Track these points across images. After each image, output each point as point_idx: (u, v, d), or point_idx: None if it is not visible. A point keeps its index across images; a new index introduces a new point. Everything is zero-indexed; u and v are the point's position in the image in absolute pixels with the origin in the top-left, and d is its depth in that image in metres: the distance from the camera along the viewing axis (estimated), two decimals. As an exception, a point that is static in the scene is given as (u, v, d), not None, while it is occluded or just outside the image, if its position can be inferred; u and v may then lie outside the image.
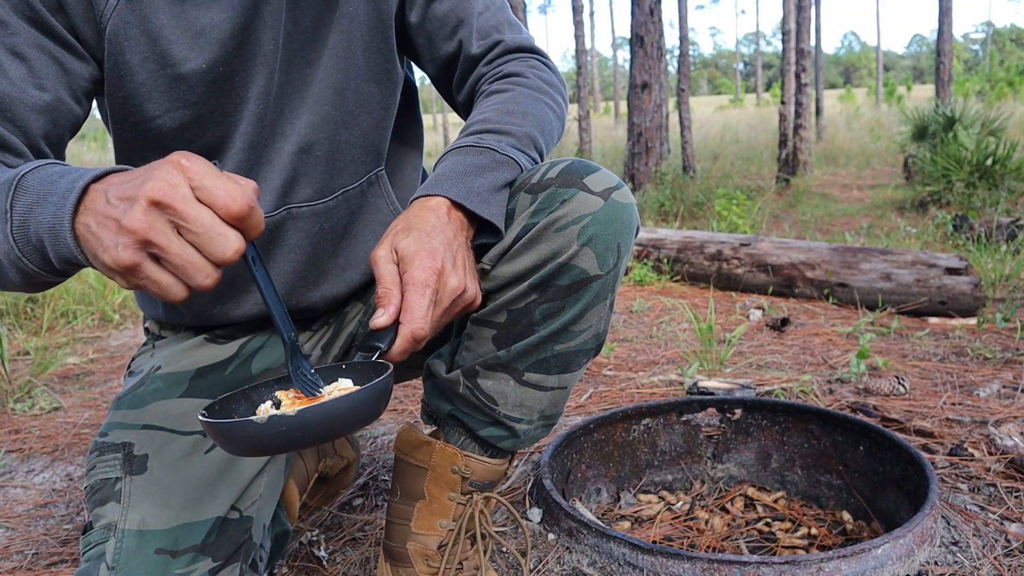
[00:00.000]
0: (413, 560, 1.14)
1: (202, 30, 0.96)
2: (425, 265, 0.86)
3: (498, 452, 1.11)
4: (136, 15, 0.93)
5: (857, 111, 21.48)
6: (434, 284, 0.86)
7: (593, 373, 2.44)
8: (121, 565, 0.97)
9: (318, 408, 0.69)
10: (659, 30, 7.37)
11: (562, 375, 1.04)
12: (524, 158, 1.01)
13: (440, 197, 0.93)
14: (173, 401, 1.09)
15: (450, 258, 0.88)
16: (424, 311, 0.85)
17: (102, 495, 1.04)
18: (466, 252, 0.92)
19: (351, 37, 1.07)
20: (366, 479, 1.70)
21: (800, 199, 7.22)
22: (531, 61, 1.16)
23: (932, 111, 7.77)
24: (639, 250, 4.02)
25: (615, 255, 0.98)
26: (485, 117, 1.05)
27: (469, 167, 0.97)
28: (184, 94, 0.98)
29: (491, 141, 1.00)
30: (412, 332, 0.84)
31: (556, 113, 1.13)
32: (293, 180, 1.08)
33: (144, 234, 0.63)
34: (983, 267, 3.53)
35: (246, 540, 1.06)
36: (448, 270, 0.88)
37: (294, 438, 0.68)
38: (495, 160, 0.98)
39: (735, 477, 1.72)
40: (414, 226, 0.90)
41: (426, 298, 0.85)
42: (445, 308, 0.88)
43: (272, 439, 0.68)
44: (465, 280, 0.89)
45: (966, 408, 1.95)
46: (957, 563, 1.25)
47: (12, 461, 1.96)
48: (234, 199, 0.65)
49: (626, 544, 1.23)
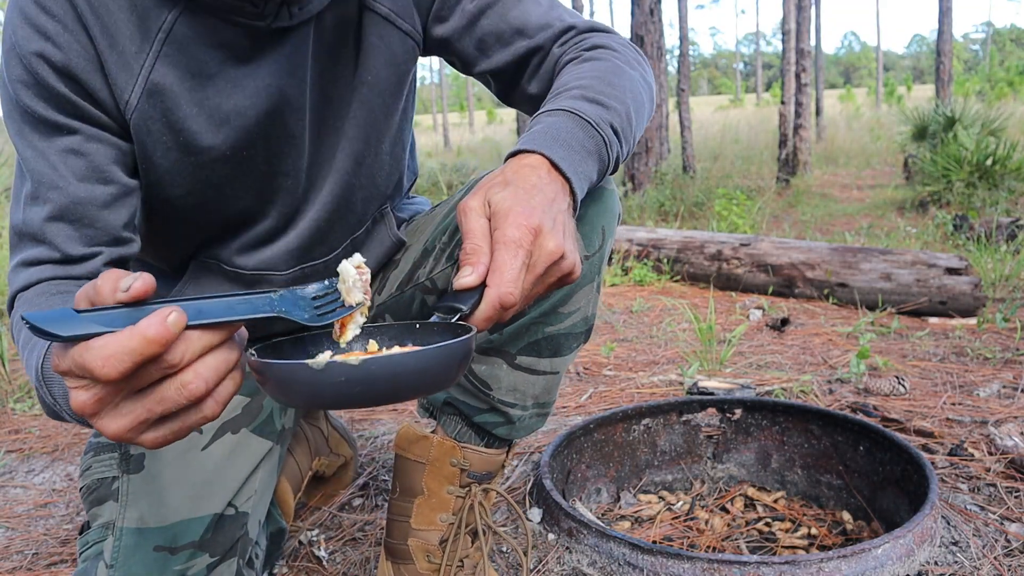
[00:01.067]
0: (414, 556, 1.14)
1: (226, 117, 0.94)
2: (520, 223, 0.75)
3: (494, 441, 1.12)
4: (157, 109, 0.91)
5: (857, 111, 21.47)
6: (528, 245, 0.75)
7: (593, 373, 2.44)
8: (120, 563, 0.97)
9: (385, 360, 0.59)
10: (659, 30, 7.36)
11: (553, 359, 1.07)
12: (616, 146, 0.94)
13: (540, 156, 0.84)
14: None
15: (549, 219, 0.78)
16: (515, 274, 0.73)
17: (99, 494, 1.04)
18: (567, 216, 0.82)
19: (372, 106, 1.05)
20: (366, 479, 1.70)
21: (800, 199, 7.22)
22: (615, 36, 1.08)
23: (932, 111, 7.77)
24: (639, 250, 4.02)
25: (600, 237, 1.02)
26: (584, 84, 0.96)
27: (570, 137, 0.88)
28: (208, 176, 0.97)
29: (592, 114, 0.92)
30: (500, 296, 0.73)
31: (647, 91, 1.06)
32: (311, 244, 1.09)
33: (119, 432, 0.58)
34: (983, 267, 3.53)
35: (242, 535, 1.07)
36: (546, 231, 0.76)
37: (353, 393, 0.59)
38: (595, 142, 0.91)
39: (735, 477, 1.72)
40: (512, 181, 0.80)
41: (518, 259, 0.74)
42: (539, 274, 0.77)
43: (329, 390, 0.59)
44: (564, 245, 0.78)
45: (966, 408, 1.95)
46: (957, 563, 1.25)
47: (12, 461, 1.96)
48: (105, 359, 0.53)
49: (626, 544, 1.22)
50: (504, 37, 1.05)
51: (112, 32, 0.87)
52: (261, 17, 0.90)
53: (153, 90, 0.90)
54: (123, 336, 0.53)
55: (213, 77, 0.92)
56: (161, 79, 0.90)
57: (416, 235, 1.21)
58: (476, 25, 1.05)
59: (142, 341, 0.53)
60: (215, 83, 0.92)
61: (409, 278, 1.17)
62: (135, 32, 0.88)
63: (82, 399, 0.56)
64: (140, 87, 0.89)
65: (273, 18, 0.91)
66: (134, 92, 0.89)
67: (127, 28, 0.87)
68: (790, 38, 9.05)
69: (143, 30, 0.88)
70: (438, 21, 1.05)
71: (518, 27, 1.05)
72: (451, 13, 1.04)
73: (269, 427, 1.15)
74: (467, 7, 1.04)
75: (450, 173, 9.64)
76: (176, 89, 0.91)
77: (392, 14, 1.02)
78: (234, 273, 1.08)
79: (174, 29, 0.89)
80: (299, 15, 0.92)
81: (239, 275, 1.07)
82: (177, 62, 0.90)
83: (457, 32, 1.05)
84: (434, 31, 1.06)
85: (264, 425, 1.14)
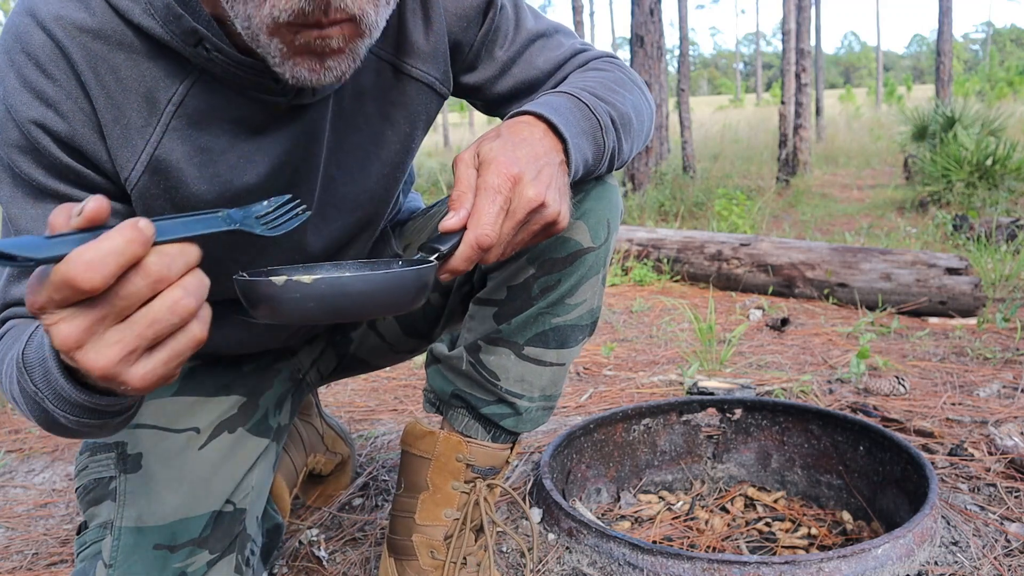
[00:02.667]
0: (418, 552, 1.14)
1: (237, 194, 0.89)
2: (501, 171, 0.79)
3: (500, 434, 1.13)
4: (160, 186, 0.86)
5: (857, 111, 21.48)
6: (506, 192, 0.78)
7: (593, 373, 2.44)
8: (119, 562, 0.98)
9: (334, 280, 0.66)
10: (659, 30, 7.36)
11: (560, 350, 1.08)
12: (612, 136, 0.96)
13: (537, 116, 0.87)
14: (165, 400, 1.10)
15: (533, 169, 0.80)
16: (492, 217, 0.78)
17: (96, 494, 1.04)
18: (556, 171, 0.84)
19: (387, 181, 1.04)
20: (366, 479, 1.70)
21: (800, 199, 7.22)
22: (617, 62, 1.10)
23: (932, 111, 7.76)
24: (639, 250, 4.02)
25: (606, 230, 1.04)
26: (586, 85, 0.98)
27: (567, 112, 0.90)
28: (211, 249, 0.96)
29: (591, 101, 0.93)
30: (476, 238, 0.77)
31: (648, 112, 1.08)
32: None
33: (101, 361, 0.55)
34: (983, 267, 3.53)
35: (241, 531, 1.07)
36: (526, 180, 0.79)
37: (307, 308, 0.66)
38: (591, 124, 0.92)
39: (735, 477, 1.72)
40: (503, 134, 0.84)
41: (495, 204, 0.78)
42: (519, 220, 0.80)
43: (288, 304, 0.65)
44: (545, 194, 0.80)
45: (966, 408, 1.95)
46: (957, 563, 1.25)
47: (12, 461, 1.96)
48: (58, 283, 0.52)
49: (626, 544, 1.22)
50: (536, 83, 1.07)
51: (117, 102, 0.81)
52: (283, 93, 0.85)
53: (157, 167, 0.84)
54: (101, 241, 0.51)
55: (224, 152, 0.87)
56: (167, 155, 0.84)
57: (414, 235, 1.22)
58: (507, 74, 1.05)
59: (121, 241, 0.51)
60: (226, 158, 0.87)
61: None
62: (142, 104, 0.82)
63: (65, 332, 0.53)
64: (143, 163, 0.84)
65: (295, 95, 0.86)
66: (135, 169, 0.84)
67: (134, 99, 0.81)
68: (790, 38, 9.05)
69: (151, 101, 0.82)
70: (468, 70, 1.04)
71: (547, 71, 1.07)
72: (481, 62, 1.04)
73: (264, 425, 1.16)
74: (499, 55, 1.03)
75: (450, 173, 9.64)
76: (183, 166, 0.85)
77: (425, 75, 0.98)
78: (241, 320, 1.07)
79: (184, 102, 0.83)
80: (321, 91, 0.89)
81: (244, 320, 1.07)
82: (186, 137, 0.84)
83: (489, 81, 1.05)
84: (463, 79, 1.05)
85: (260, 424, 1.15)
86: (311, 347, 1.29)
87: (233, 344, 1.11)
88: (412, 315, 1.20)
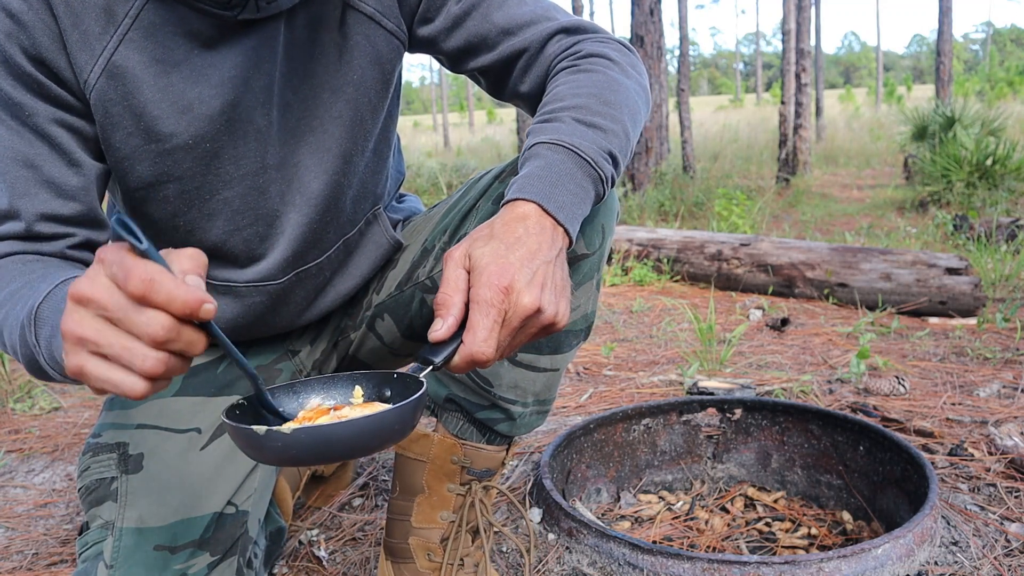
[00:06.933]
0: (414, 555, 1.14)
1: (189, 104, 0.94)
2: (492, 283, 0.77)
3: (495, 437, 1.13)
4: (117, 91, 0.91)
5: (857, 111, 21.48)
6: (500, 304, 0.77)
7: (593, 373, 2.44)
8: (120, 563, 0.97)
9: (312, 429, 0.67)
10: (659, 30, 7.36)
11: (553, 356, 1.08)
12: (611, 172, 0.95)
13: (531, 204, 0.85)
14: (167, 400, 1.09)
15: (526, 274, 0.79)
16: (486, 333, 0.76)
17: (98, 495, 1.04)
18: (552, 267, 0.82)
19: (359, 105, 1.04)
20: (366, 479, 1.70)
21: (800, 199, 7.22)
22: (608, 41, 1.08)
23: (932, 111, 7.77)
24: (639, 250, 4.02)
25: (601, 235, 1.04)
26: (580, 103, 0.96)
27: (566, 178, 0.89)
28: (170, 168, 0.97)
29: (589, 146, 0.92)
30: (472, 354, 0.76)
31: (644, 99, 1.06)
32: (304, 248, 1.08)
33: (75, 331, 0.61)
34: (983, 267, 3.53)
35: (242, 534, 1.07)
36: (519, 288, 0.78)
37: (289, 456, 0.67)
38: (592, 180, 0.92)
39: (735, 477, 1.72)
40: (496, 234, 0.82)
41: (489, 319, 0.76)
42: (515, 328, 0.79)
43: (270, 452, 0.67)
44: (540, 299, 0.79)
45: (966, 408, 1.95)
46: (957, 563, 1.25)
47: (12, 461, 1.96)
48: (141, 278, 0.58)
49: (626, 544, 1.22)
50: (490, 38, 1.05)
51: (76, 11, 0.88)
52: (229, 7, 0.90)
53: (114, 72, 0.90)
54: (172, 280, 0.58)
55: (179, 65, 0.92)
56: (123, 61, 0.90)
57: (414, 235, 1.21)
58: (461, 26, 1.05)
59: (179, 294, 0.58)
60: (180, 71, 0.92)
61: (408, 277, 1.17)
62: (100, 15, 0.89)
63: (83, 287, 0.60)
64: (100, 67, 0.90)
65: (241, 9, 0.91)
66: (93, 72, 0.90)
67: (93, 11, 0.88)
68: (790, 38, 9.05)
69: (109, 13, 0.89)
70: (424, 22, 1.05)
71: (503, 28, 1.05)
72: (436, 14, 1.04)
73: None
74: (452, 9, 1.04)
75: (450, 173, 9.64)
76: (139, 74, 0.91)
77: (377, 13, 1.01)
78: (224, 287, 1.07)
79: (141, 15, 0.90)
80: (267, 9, 0.92)
81: (230, 288, 1.07)
82: (142, 47, 0.90)
83: (443, 33, 1.05)
84: (419, 31, 1.06)
85: None
86: (312, 348, 1.29)
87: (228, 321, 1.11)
88: (411, 317, 1.19)
